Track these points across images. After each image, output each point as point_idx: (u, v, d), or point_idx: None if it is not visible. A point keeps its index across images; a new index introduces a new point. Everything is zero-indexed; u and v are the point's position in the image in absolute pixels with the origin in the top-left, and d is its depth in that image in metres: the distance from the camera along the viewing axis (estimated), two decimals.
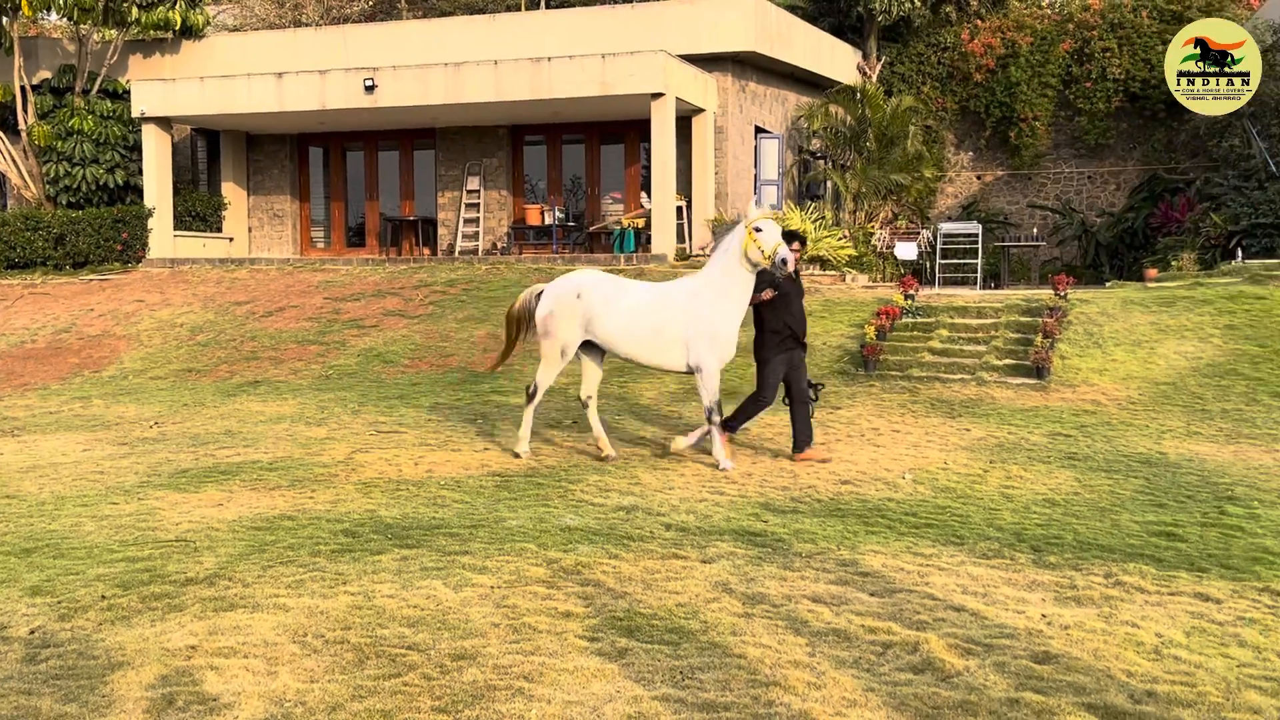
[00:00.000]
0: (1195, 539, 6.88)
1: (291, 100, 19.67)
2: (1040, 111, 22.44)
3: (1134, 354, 13.37)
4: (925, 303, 14.82)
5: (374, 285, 16.14)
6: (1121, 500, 7.91)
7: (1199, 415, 11.17)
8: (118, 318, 16.68)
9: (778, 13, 20.42)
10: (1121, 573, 6.17)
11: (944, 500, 7.91)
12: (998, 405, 11.84)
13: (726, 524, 7.19)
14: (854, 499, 7.98)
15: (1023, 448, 9.81)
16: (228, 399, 12.17)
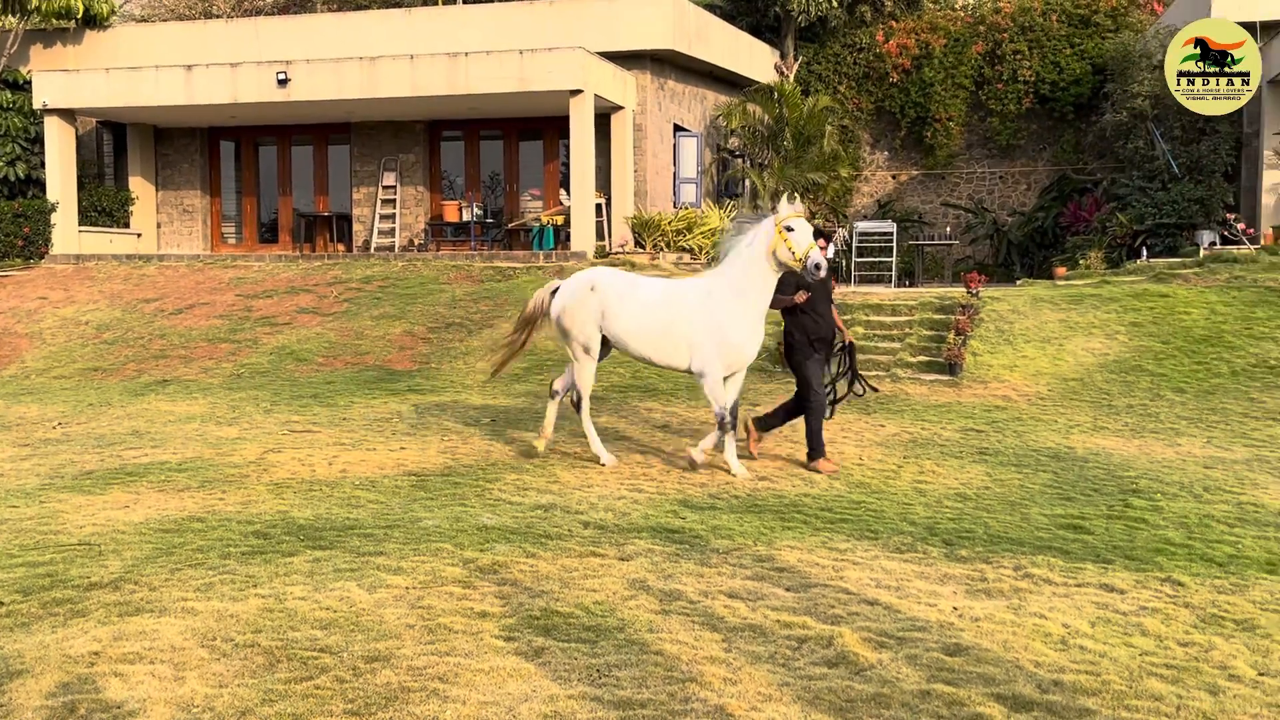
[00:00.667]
0: (1101, 531, 7.05)
1: (201, 93, 19.28)
2: (954, 112, 22.83)
3: (1043, 351, 13.67)
4: (841, 300, 14.99)
5: (287, 282, 15.88)
6: (1031, 494, 8.07)
7: (1105, 410, 11.45)
8: (19, 315, 16.21)
9: (696, 11, 20.50)
10: (1030, 565, 6.30)
11: (858, 495, 8.01)
12: (911, 401, 12.03)
13: (644, 521, 7.19)
14: (771, 495, 8.04)
15: (935, 443, 9.96)
16: (135, 398, 11.88)
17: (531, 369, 12.53)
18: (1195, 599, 5.73)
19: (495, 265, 17.18)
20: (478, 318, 13.81)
